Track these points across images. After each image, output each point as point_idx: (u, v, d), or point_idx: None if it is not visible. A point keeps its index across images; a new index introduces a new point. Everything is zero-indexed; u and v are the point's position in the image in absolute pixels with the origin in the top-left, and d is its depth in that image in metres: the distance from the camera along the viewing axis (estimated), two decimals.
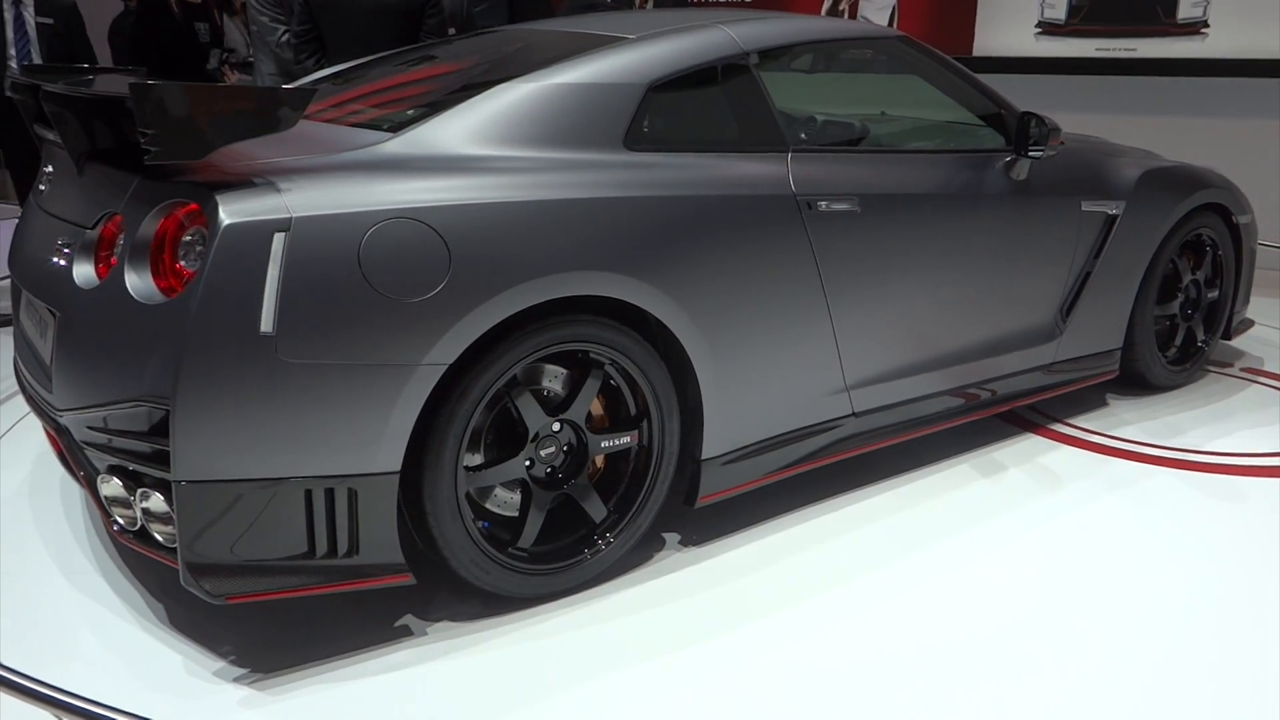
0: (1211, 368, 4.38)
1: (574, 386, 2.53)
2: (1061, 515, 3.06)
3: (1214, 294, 4.18)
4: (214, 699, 2.17)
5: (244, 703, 2.17)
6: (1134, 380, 4.03)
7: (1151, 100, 5.75)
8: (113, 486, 2.25)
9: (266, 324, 2.06)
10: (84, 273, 2.28)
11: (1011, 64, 6.06)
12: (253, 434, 2.09)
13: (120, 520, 2.29)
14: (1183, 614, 2.55)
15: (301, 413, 2.12)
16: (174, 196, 2.16)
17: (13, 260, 2.68)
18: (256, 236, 2.05)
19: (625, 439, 2.62)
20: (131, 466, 2.22)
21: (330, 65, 3.98)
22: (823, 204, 2.84)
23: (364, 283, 2.14)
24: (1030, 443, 3.58)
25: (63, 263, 2.34)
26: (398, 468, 2.24)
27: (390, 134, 2.44)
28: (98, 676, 2.22)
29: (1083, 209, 3.58)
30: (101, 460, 2.28)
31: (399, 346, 2.17)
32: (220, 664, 2.28)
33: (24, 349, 2.63)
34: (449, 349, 2.23)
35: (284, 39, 4.42)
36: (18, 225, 2.75)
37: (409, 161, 2.35)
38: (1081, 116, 5.13)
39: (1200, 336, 4.18)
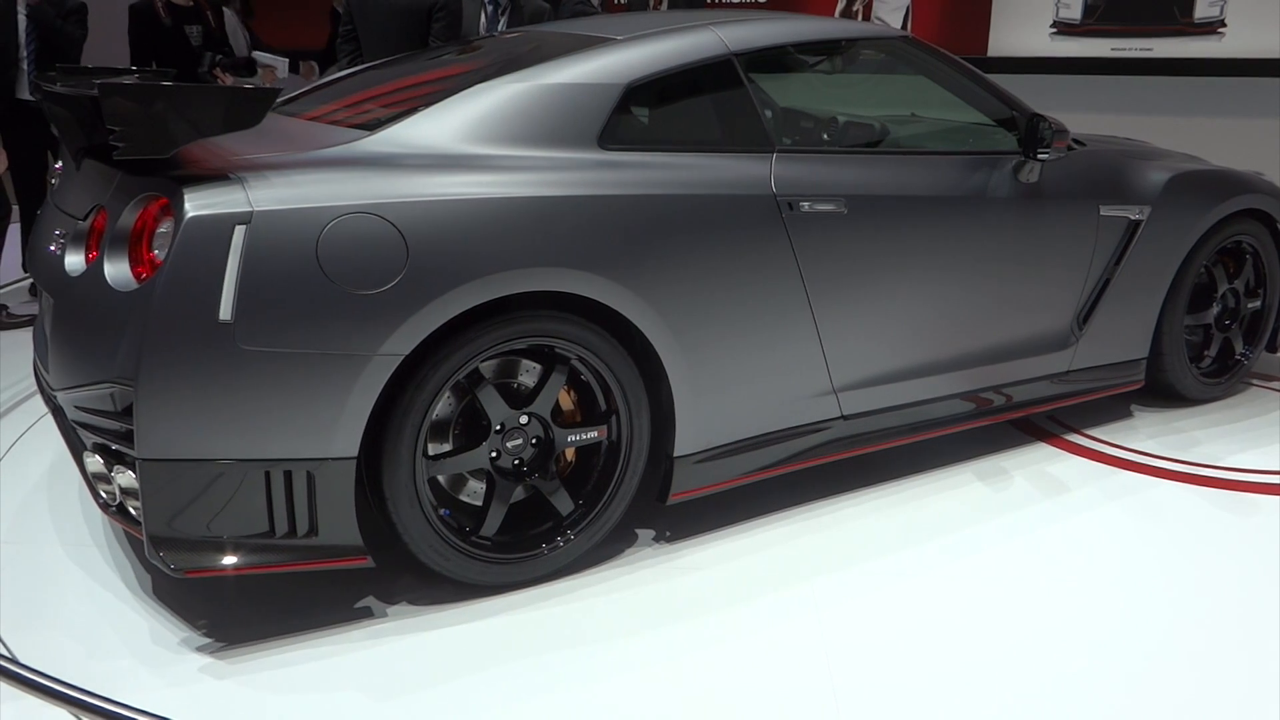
0: (1256, 382, 4.20)
1: (541, 381, 2.59)
2: (1051, 523, 2.99)
3: (1256, 304, 4.01)
4: (174, 668, 2.28)
5: (204, 670, 2.29)
6: (1164, 392, 3.89)
7: (1168, 100, 5.55)
8: (95, 463, 2.40)
9: (225, 312, 2.17)
10: (74, 261, 2.43)
11: (1026, 64, 5.95)
12: (212, 416, 2.20)
13: (103, 495, 2.43)
14: (1162, 625, 2.48)
15: (260, 398, 2.22)
16: (149, 190, 2.28)
17: (30, 253, 2.87)
18: (218, 228, 2.16)
19: (592, 434, 2.66)
20: (114, 445, 2.36)
21: (363, 63, 4.17)
22: (805, 205, 2.83)
23: (321, 275, 2.23)
24: (1039, 451, 3.50)
25: (59, 251, 2.50)
26: (354, 453, 2.32)
27: (367, 132, 2.53)
28: (65, 642, 2.37)
29: (1101, 213, 3.48)
30: (87, 438, 2.42)
31: (354, 337, 2.26)
32: (188, 634, 2.40)
33: (40, 338, 2.81)
34: (405, 340, 2.30)
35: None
36: (36, 220, 2.94)
37: (379, 159, 2.43)
38: (1097, 117, 4.98)
39: (1239, 348, 4.02)
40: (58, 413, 2.58)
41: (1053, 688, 2.26)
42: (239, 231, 2.17)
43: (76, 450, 2.49)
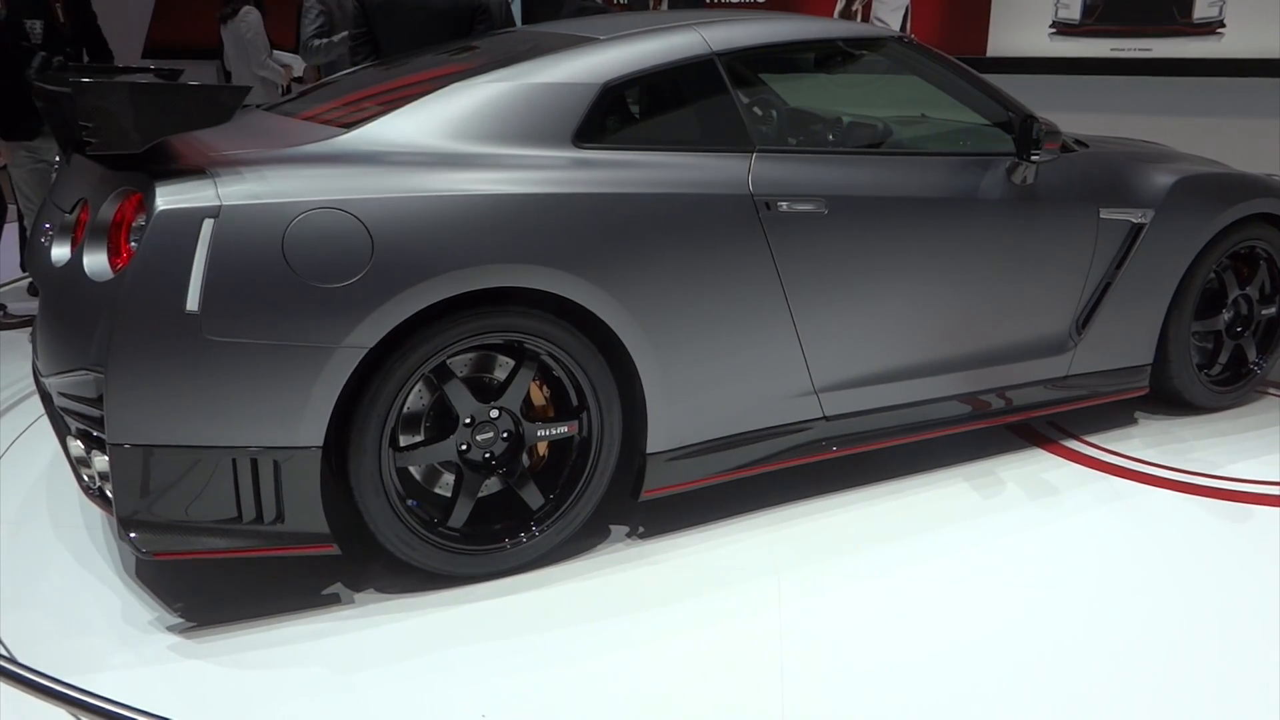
0: (1272, 390, 4.09)
1: (511, 375, 2.62)
2: (1032, 527, 2.96)
3: (1271, 311, 3.92)
4: (143, 647, 2.36)
5: (173, 649, 2.37)
6: (1171, 399, 3.82)
7: (1167, 101, 5.48)
8: (77, 447, 2.49)
9: (193, 303, 2.24)
10: (59, 252, 2.52)
11: (1026, 64, 5.91)
12: (179, 404, 2.27)
13: (86, 478, 2.52)
14: (1133, 631, 2.44)
15: (225, 387, 2.29)
16: (127, 184, 2.36)
17: (28, 248, 2.98)
18: (187, 222, 2.24)
19: (562, 429, 2.69)
20: (95, 432, 2.44)
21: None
22: (783, 204, 2.83)
23: (286, 268, 2.29)
24: (1033, 455, 3.45)
25: (47, 243, 2.59)
26: (320, 443, 2.38)
27: (346, 130, 2.59)
28: (42, 620, 2.46)
29: (1101, 216, 3.43)
30: (71, 423, 2.51)
31: (319, 329, 2.31)
32: (163, 615, 2.48)
33: (35, 328, 2.91)
34: (369, 333, 2.35)
35: (314, 42, 4.71)
36: (36, 216, 3.04)
37: (353, 156, 2.49)
38: (1096, 117, 4.91)
39: (1253, 356, 3.92)
40: (46, 399, 2.67)
41: (1006, 692, 2.24)
42: (207, 225, 2.24)
43: (62, 435, 2.58)
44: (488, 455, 2.65)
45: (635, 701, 2.21)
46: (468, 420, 2.59)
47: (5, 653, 2.37)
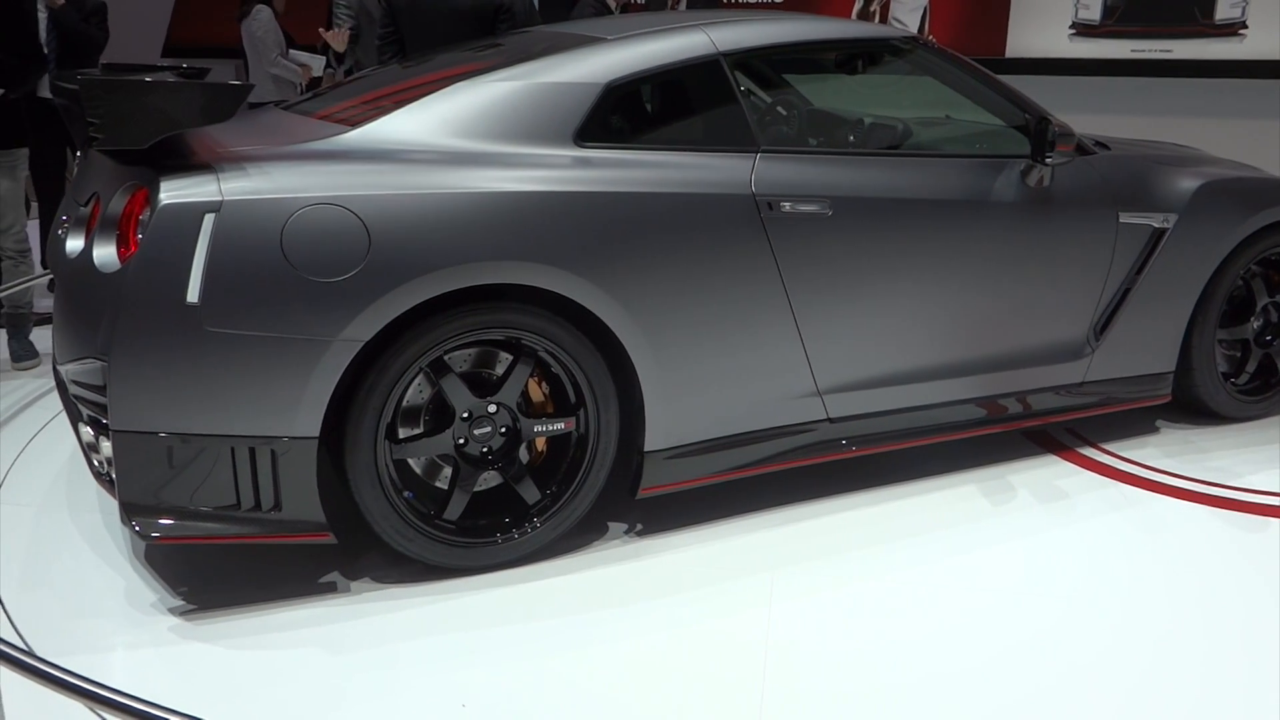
0: None
1: (509, 371, 2.65)
2: (1036, 534, 2.93)
3: None
4: (145, 631, 2.43)
5: (174, 631, 2.44)
6: (1196, 408, 3.74)
7: (1189, 102, 5.37)
8: (87, 433, 2.56)
9: (193, 295, 2.30)
10: (73, 245, 2.61)
11: (1045, 65, 5.84)
12: (179, 393, 2.33)
13: (96, 463, 2.60)
14: (1110, 639, 2.41)
15: (224, 377, 2.35)
16: (136, 179, 2.44)
17: (48, 242, 3.08)
18: (189, 216, 2.30)
19: (559, 425, 2.71)
20: (102, 419, 2.51)
21: None
22: (786, 205, 2.83)
23: (284, 262, 2.34)
24: (1046, 462, 3.41)
25: (63, 235, 2.68)
26: (316, 433, 2.43)
27: (350, 128, 2.64)
28: (49, 601, 2.54)
29: (1121, 220, 3.37)
30: (82, 410, 2.60)
31: (315, 322, 2.36)
32: (163, 595, 2.55)
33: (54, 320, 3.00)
34: (365, 327, 2.40)
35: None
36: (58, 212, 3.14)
37: (355, 153, 2.54)
38: (1116, 119, 4.81)
39: None
40: (62, 387, 2.76)
41: (975, 687, 2.22)
42: (208, 219, 2.30)
43: (75, 421, 2.66)
44: (485, 450, 2.69)
45: (613, 694, 2.22)
46: (465, 414, 2.63)
47: (24, 645, 2.42)
